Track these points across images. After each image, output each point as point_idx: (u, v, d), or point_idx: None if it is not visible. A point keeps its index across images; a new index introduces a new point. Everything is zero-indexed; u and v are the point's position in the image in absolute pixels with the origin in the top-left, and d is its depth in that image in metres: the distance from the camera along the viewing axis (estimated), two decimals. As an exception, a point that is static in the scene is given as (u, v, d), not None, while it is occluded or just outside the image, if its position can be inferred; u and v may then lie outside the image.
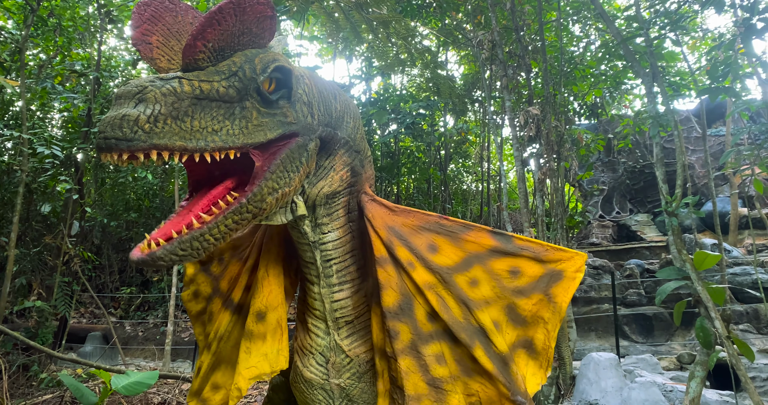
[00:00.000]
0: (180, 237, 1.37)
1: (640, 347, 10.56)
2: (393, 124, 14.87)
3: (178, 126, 1.34)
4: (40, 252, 9.80)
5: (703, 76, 12.65)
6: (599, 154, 16.43)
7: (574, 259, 1.92)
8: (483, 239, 1.93)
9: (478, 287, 1.88)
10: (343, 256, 1.98)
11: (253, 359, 1.97)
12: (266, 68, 1.55)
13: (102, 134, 1.27)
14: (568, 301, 1.90)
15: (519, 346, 1.88)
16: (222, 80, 1.46)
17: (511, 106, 8.18)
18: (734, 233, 14.28)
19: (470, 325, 1.82)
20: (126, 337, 12.49)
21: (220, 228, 1.45)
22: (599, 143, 10.76)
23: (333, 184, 1.88)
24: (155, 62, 1.61)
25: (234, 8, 1.39)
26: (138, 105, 1.30)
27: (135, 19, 1.60)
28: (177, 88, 1.37)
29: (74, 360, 5.47)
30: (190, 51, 1.43)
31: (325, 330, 2.05)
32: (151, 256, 1.32)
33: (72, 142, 9.76)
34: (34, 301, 8.31)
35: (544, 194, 8.10)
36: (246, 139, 1.50)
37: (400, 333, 1.81)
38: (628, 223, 16.43)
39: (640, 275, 12.33)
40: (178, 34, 1.69)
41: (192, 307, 2.35)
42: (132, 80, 1.37)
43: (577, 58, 11.31)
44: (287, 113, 1.63)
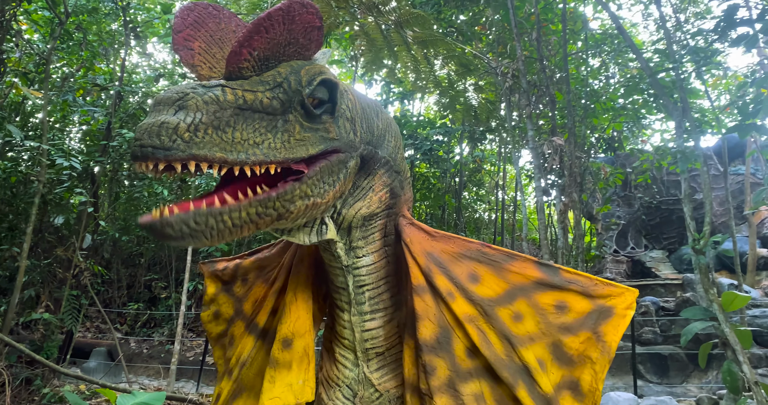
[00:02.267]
0: (197, 210, 1.26)
1: (655, 387, 10.26)
2: (410, 149, 14.86)
3: (219, 137, 1.26)
4: (51, 264, 9.74)
5: (723, 115, 12.56)
6: (616, 189, 16.30)
7: (624, 295, 1.80)
8: (528, 270, 1.81)
9: (522, 322, 1.76)
10: (377, 283, 1.87)
11: (278, 389, 1.83)
12: (312, 81, 1.47)
13: (138, 141, 1.19)
14: (618, 341, 1.77)
15: (564, 388, 1.75)
16: (266, 91, 1.39)
17: (533, 136, 8.11)
18: (752, 274, 14.00)
19: (513, 363, 1.69)
20: (130, 354, 12.34)
21: (241, 214, 1.33)
22: (618, 177, 10.65)
23: (371, 205, 1.78)
24: (196, 69, 1.53)
25: (283, 16, 1.33)
26: (178, 112, 1.22)
27: (177, 23, 1.53)
28: (220, 96, 1.29)
29: (79, 376, 5.35)
30: (235, 58, 1.35)
31: (353, 361, 1.93)
32: (161, 221, 1.21)
33: (90, 155, 9.78)
34: (41, 314, 8.22)
35: (565, 226, 7.96)
36: (288, 154, 1.41)
37: (436, 369, 1.68)
38: (642, 259, 16.19)
39: (655, 313, 12.07)
40: (220, 42, 1.61)
41: (212, 329, 2.25)
42: (173, 86, 1.29)
43: (600, 90, 11.27)
44: (330, 129, 1.55)
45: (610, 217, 16.69)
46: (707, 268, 5.26)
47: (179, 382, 10.57)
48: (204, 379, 10.59)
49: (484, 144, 17.81)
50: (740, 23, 5.53)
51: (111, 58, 12.63)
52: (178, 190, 13.52)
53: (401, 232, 1.85)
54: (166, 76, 13.43)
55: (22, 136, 6.84)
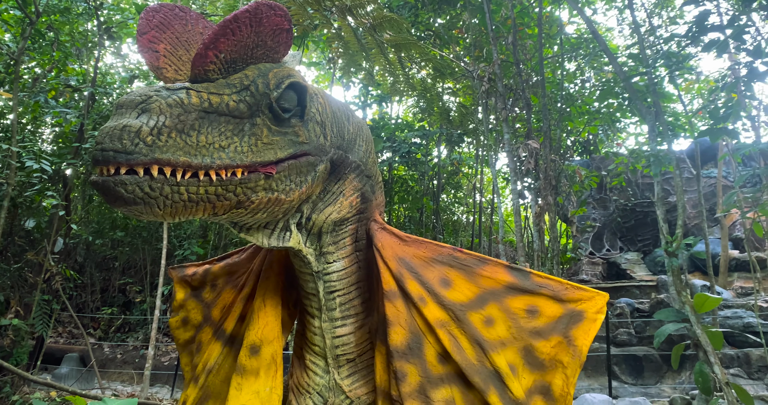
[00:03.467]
0: (155, 176, 1.20)
1: (630, 388, 10.37)
2: (387, 152, 14.86)
3: (183, 140, 1.22)
4: (21, 268, 9.54)
5: (696, 119, 12.77)
6: (591, 191, 16.47)
7: (595, 300, 1.81)
8: (499, 275, 1.81)
9: (493, 327, 1.75)
10: (347, 288, 1.85)
11: (244, 397, 1.79)
12: (280, 84, 1.45)
13: (100, 145, 1.15)
14: (589, 345, 1.77)
15: (536, 393, 1.74)
16: (233, 94, 1.36)
17: (509, 139, 8.15)
18: (724, 275, 14.25)
19: (485, 368, 1.68)
20: (104, 360, 12.14)
21: (199, 190, 1.29)
22: (593, 180, 10.77)
23: (342, 210, 1.77)
24: (161, 72, 1.49)
25: (250, 18, 1.30)
26: (141, 115, 1.19)
27: (142, 24, 1.50)
28: (184, 99, 1.26)
29: (48, 384, 5.23)
30: (201, 61, 1.32)
31: (324, 368, 1.90)
32: (114, 180, 1.16)
33: (62, 157, 9.61)
34: (10, 319, 8.04)
35: (540, 228, 8.01)
36: (255, 158, 1.39)
37: (407, 375, 1.67)
38: (618, 261, 16.38)
39: (630, 314, 12.21)
40: (186, 44, 1.58)
41: (180, 335, 2.20)
42: (136, 89, 1.25)
43: (575, 94, 11.39)
44: (299, 132, 1.53)
45: (585, 219, 16.86)
46: (680, 270, 5.33)
47: (154, 387, 10.42)
48: (179, 384, 10.46)
49: (461, 147, 17.88)
50: (711, 29, 5.62)
51: (84, 58, 12.44)
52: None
53: (373, 236, 1.83)
54: (141, 78, 13.28)
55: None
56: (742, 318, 10.78)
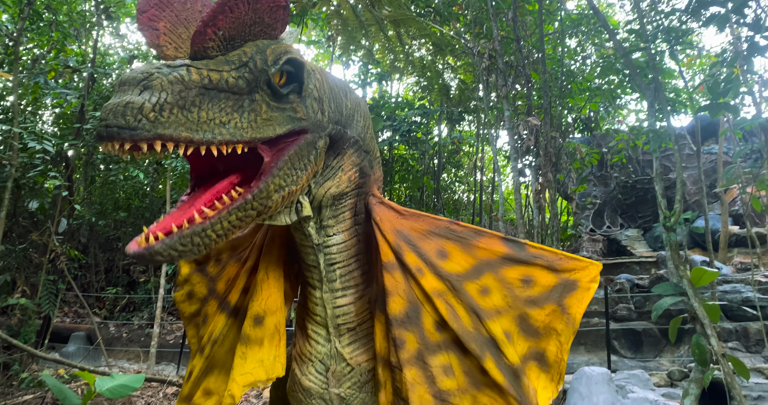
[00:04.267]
0: (180, 231, 1.28)
1: (629, 362, 10.52)
2: (388, 131, 14.85)
3: (185, 116, 1.27)
4: (26, 249, 9.63)
5: (697, 94, 12.73)
6: (592, 168, 16.48)
7: (588, 269, 1.85)
8: (495, 246, 1.85)
9: (489, 296, 1.80)
10: (347, 261, 1.90)
11: (249, 365, 1.87)
12: (278, 60, 1.48)
13: (104, 121, 1.19)
14: (582, 313, 1.82)
15: (530, 359, 1.81)
16: (232, 70, 1.39)
17: (509, 117, 8.16)
18: (724, 251, 14.33)
19: (480, 336, 1.74)
20: (110, 338, 12.30)
21: (223, 224, 1.37)
22: (593, 157, 10.78)
23: (341, 184, 1.81)
24: (161, 49, 1.52)
25: None
26: (143, 92, 1.22)
27: (142, 3, 1.52)
28: (185, 76, 1.29)
29: (58, 360, 5.34)
30: (200, 38, 1.35)
31: (325, 337, 1.96)
32: (148, 251, 1.24)
33: (63, 138, 9.63)
34: (18, 299, 8.14)
35: (540, 205, 8.06)
36: (255, 133, 1.43)
37: (406, 342, 1.73)
38: (618, 237, 16.45)
39: (630, 290, 12.31)
40: (186, 22, 1.61)
41: (185, 309, 2.26)
42: (137, 66, 1.28)
43: (575, 71, 11.35)
44: (297, 108, 1.57)
45: (585, 196, 16.89)
46: (677, 245, 5.38)
47: (159, 365, 10.58)
48: (184, 362, 10.61)
49: (462, 125, 17.87)
50: (712, 3, 5.59)
51: (83, 39, 12.38)
52: (154, 174, 13.39)
53: (371, 210, 1.87)
54: (141, 58, 13.22)
55: (-8, 120, 6.72)
56: (741, 293, 10.88)
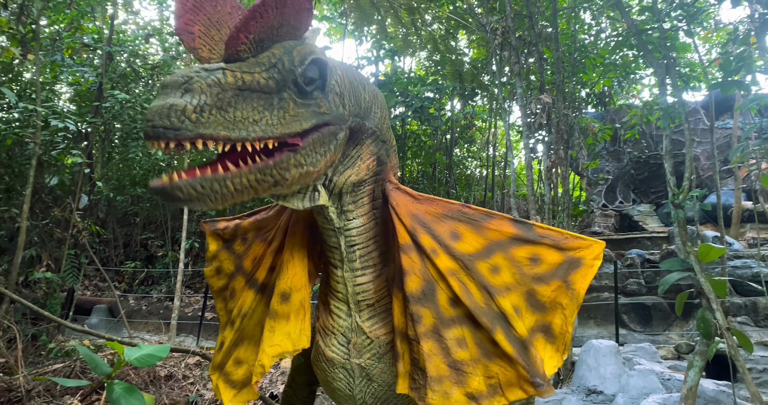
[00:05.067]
0: (204, 176, 1.41)
1: (638, 336, 10.68)
2: (400, 107, 14.87)
3: (222, 116, 1.38)
4: (48, 224, 9.90)
5: (713, 68, 12.61)
6: (605, 144, 16.43)
7: (592, 247, 1.97)
8: (504, 227, 1.97)
9: (499, 274, 1.93)
10: (366, 242, 2.03)
11: (277, 338, 2.03)
12: (304, 60, 1.59)
13: (150, 122, 1.31)
14: (586, 288, 1.94)
15: (537, 331, 1.94)
16: (262, 72, 1.51)
17: (522, 93, 8.19)
18: (736, 226, 14.33)
19: (491, 311, 1.87)
20: (130, 311, 12.64)
21: (242, 180, 1.48)
22: (606, 132, 10.79)
23: (360, 172, 1.92)
24: (197, 52, 1.64)
25: (276, 1, 1.43)
26: (185, 95, 1.35)
27: (178, 8, 1.63)
28: (221, 79, 1.41)
29: (86, 331, 5.57)
30: (234, 42, 1.47)
31: (347, 312, 2.10)
32: (171, 185, 1.36)
33: (82, 116, 9.80)
34: (43, 273, 8.42)
35: (552, 182, 8.14)
36: (283, 129, 1.55)
37: (422, 317, 1.86)
38: (630, 213, 16.48)
39: (640, 265, 12.41)
40: (217, 24, 1.72)
41: (214, 283, 2.42)
42: (178, 70, 1.42)
43: (589, 46, 11.28)
44: (321, 104, 1.68)
45: (598, 172, 16.88)
46: (685, 221, 5.47)
47: (179, 336, 10.90)
48: (203, 334, 10.93)
49: (475, 101, 17.82)
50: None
51: (98, 16, 12.45)
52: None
53: (388, 196, 1.99)
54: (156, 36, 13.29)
55: (16, 98, 6.85)
56: (752, 268, 10.94)
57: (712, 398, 5.42)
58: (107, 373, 4.07)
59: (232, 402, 2.14)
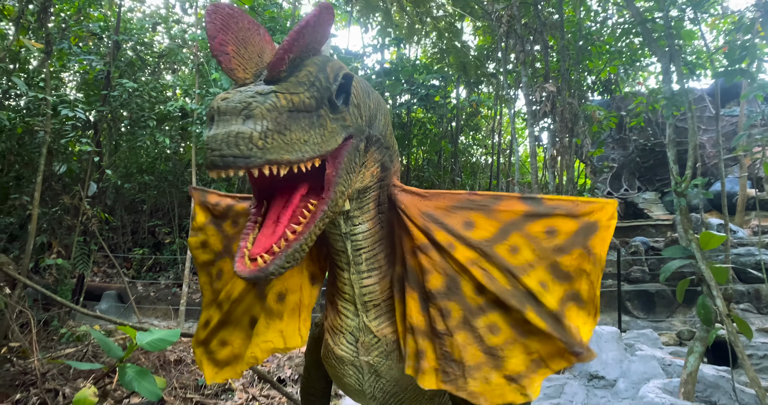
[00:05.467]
0: (285, 250, 1.48)
1: (641, 322, 10.78)
2: (406, 94, 14.88)
3: (282, 140, 1.41)
4: (58, 211, 10.03)
5: (720, 55, 12.55)
6: (610, 131, 16.43)
7: (605, 208, 1.97)
8: (515, 206, 1.98)
9: (519, 253, 1.94)
10: (372, 246, 2.06)
11: (270, 334, 2.14)
12: (337, 77, 1.63)
13: (218, 151, 1.34)
14: (606, 250, 1.96)
15: (568, 300, 1.95)
16: (305, 91, 1.53)
17: (527, 82, 8.22)
18: (741, 214, 14.36)
19: (518, 291, 1.89)
20: (138, 297, 12.79)
21: (312, 236, 1.55)
22: (612, 120, 10.79)
23: (365, 180, 1.94)
24: (234, 72, 1.64)
25: (316, 21, 1.48)
26: (247, 121, 1.36)
27: (210, 28, 1.64)
28: (276, 103, 1.43)
29: (98, 316, 5.69)
30: (279, 63, 1.50)
31: (354, 312, 2.15)
32: (263, 272, 1.44)
33: (90, 104, 9.87)
34: (54, 259, 8.55)
35: (555, 170, 8.19)
36: (326, 146, 1.58)
37: (451, 311, 1.91)
38: (635, 200, 16.51)
39: (644, 253, 12.48)
40: (244, 42, 1.72)
41: (199, 255, 2.45)
42: (229, 95, 1.41)
43: (594, 34, 11.25)
44: (346, 117, 1.70)
45: (603, 159, 16.89)
46: (687, 210, 5.53)
47: (187, 322, 11.04)
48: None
49: (480, 89, 17.79)
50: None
51: (103, 3, 12.49)
52: (179, 138, 13.67)
53: (396, 199, 2.02)
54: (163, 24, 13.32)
55: (26, 88, 6.93)
56: (755, 255, 10.99)
57: (712, 383, 5.51)
58: (120, 357, 4.17)
59: (213, 379, 2.24)
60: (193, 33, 10.90)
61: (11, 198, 9.47)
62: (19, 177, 10.00)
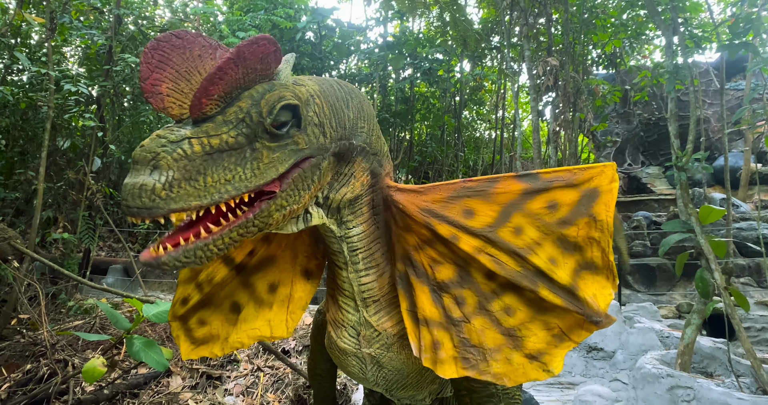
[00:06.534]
0: (185, 245, 1.46)
1: (642, 296, 10.87)
2: (409, 68, 14.78)
3: (192, 186, 1.41)
4: (63, 187, 10.10)
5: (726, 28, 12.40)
6: (614, 105, 16.33)
7: (604, 172, 1.93)
8: (511, 186, 1.96)
9: (523, 233, 1.93)
10: (368, 246, 2.07)
11: (258, 323, 2.25)
12: (272, 110, 1.56)
13: (125, 202, 1.37)
14: (612, 214, 1.93)
15: (581, 270, 1.94)
16: (230, 130, 1.50)
17: (530, 55, 8.17)
18: (744, 188, 14.36)
19: (528, 272, 1.90)
20: (144, 271, 12.92)
21: (225, 239, 1.52)
22: (616, 94, 10.74)
23: (355, 189, 1.95)
24: (167, 111, 1.62)
25: (234, 61, 1.45)
26: (152, 172, 1.37)
27: (144, 70, 1.60)
28: (187, 150, 1.42)
29: (105, 289, 5.79)
30: (197, 107, 1.48)
31: (354, 307, 2.19)
32: (156, 261, 1.43)
33: (93, 79, 9.87)
34: (60, 234, 8.65)
35: (558, 145, 8.19)
36: (258, 180, 1.56)
37: (466, 299, 1.95)
38: (639, 175, 16.49)
39: (647, 227, 12.52)
40: (187, 74, 1.68)
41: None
42: (146, 142, 1.41)
43: (599, 6, 11.13)
44: (298, 140, 1.66)
45: (607, 134, 16.83)
46: (687, 184, 5.55)
47: (192, 296, 11.21)
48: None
49: (484, 62, 17.65)
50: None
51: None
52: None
53: (392, 201, 2.03)
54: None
55: (29, 63, 6.94)
56: (756, 230, 11.02)
57: (708, 354, 5.60)
58: (127, 328, 4.26)
59: (189, 355, 2.30)
60: (195, 7, 10.83)
61: (16, 173, 9.53)
62: (24, 152, 10.04)
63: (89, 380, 3.87)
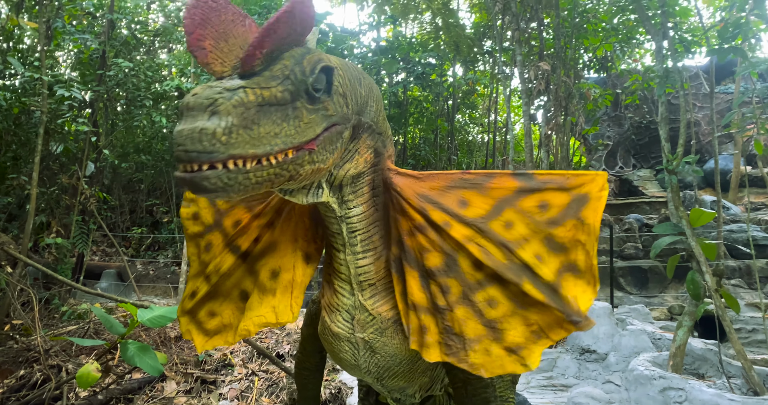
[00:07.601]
0: (228, 168, 1.44)
1: (634, 298, 10.94)
2: (402, 73, 14.84)
3: (248, 134, 1.43)
4: (56, 191, 10.08)
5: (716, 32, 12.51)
6: (606, 109, 16.44)
7: (596, 180, 2.00)
8: (507, 183, 2.02)
9: (513, 228, 1.99)
10: (366, 228, 2.11)
11: (263, 309, 2.23)
12: (314, 69, 1.64)
13: (182, 147, 1.37)
14: (599, 220, 2.00)
15: (565, 271, 1.99)
16: (278, 85, 1.55)
17: (521, 60, 8.23)
18: (735, 191, 14.48)
19: (514, 265, 1.95)
20: (138, 276, 12.91)
21: (264, 173, 1.53)
22: (607, 98, 10.82)
23: (358, 166, 1.99)
24: (210, 67, 1.65)
25: (288, 16, 1.50)
26: (212, 117, 1.39)
27: (188, 24, 1.63)
28: (244, 98, 1.45)
29: (99, 294, 5.78)
30: (250, 60, 1.52)
31: (350, 291, 2.21)
32: (200, 176, 1.40)
33: (86, 84, 9.86)
34: (54, 239, 8.63)
35: (549, 148, 8.24)
36: (301, 138, 1.60)
37: (451, 287, 1.98)
38: (630, 178, 16.59)
39: (638, 230, 12.60)
40: (225, 35, 1.72)
41: (189, 226, 2.48)
42: (198, 90, 1.44)
43: (590, 11, 11.22)
44: (328, 107, 1.73)
45: (598, 137, 16.93)
46: (677, 187, 5.61)
47: (186, 300, 11.19)
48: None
49: (477, 66, 17.74)
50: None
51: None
52: (176, 118, 13.64)
53: (391, 182, 2.07)
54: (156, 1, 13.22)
55: (22, 67, 6.93)
56: (746, 232, 11.12)
57: (700, 356, 5.65)
58: (122, 333, 4.26)
59: (204, 347, 2.35)
60: (188, 11, 10.80)
61: (9, 178, 9.51)
62: (17, 157, 10.01)
63: (83, 386, 3.86)
